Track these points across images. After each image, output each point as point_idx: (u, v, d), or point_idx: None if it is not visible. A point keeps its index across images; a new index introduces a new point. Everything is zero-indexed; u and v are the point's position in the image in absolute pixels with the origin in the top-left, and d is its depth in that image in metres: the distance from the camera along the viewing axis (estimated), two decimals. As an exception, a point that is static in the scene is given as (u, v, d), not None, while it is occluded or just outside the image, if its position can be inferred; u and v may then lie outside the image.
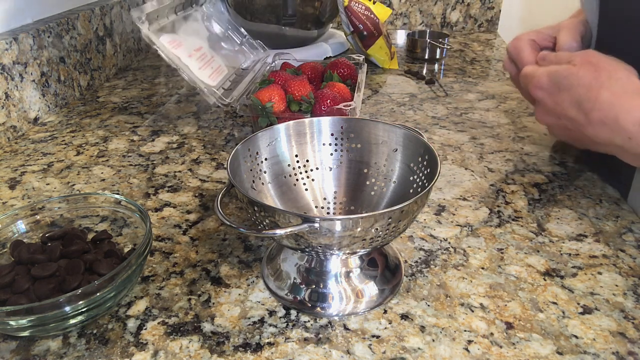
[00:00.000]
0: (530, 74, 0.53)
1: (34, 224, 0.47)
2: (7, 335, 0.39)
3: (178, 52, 0.69)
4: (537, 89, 0.51)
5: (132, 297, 0.42)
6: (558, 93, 0.49)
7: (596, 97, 0.45)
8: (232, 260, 0.46)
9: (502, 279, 0.44)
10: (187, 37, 0.76)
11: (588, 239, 0.48)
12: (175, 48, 0.70)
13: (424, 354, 0.36)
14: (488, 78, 0.94)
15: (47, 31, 0.77)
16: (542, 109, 0.52)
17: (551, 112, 0.51)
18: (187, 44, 0.74)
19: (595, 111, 0.46)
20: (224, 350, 0.37)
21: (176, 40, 0.71)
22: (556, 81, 0.49)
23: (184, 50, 0.71)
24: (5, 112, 0.69)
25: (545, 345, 0.37)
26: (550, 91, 0.50)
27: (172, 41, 0.70)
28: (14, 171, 0.63)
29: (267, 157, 0.47)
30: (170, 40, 0.70)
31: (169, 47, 0.68)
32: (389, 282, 0.43)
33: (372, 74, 0.98)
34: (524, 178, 0.59)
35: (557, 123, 0.51)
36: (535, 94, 0.52)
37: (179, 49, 0.70)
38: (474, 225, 0.51)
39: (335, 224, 0.34)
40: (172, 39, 0.71)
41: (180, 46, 0.71)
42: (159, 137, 0.72)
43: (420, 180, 0.44)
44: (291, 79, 0.66)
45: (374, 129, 0.48)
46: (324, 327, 0.39)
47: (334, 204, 0.49)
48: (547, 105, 0.51)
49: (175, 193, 0.58)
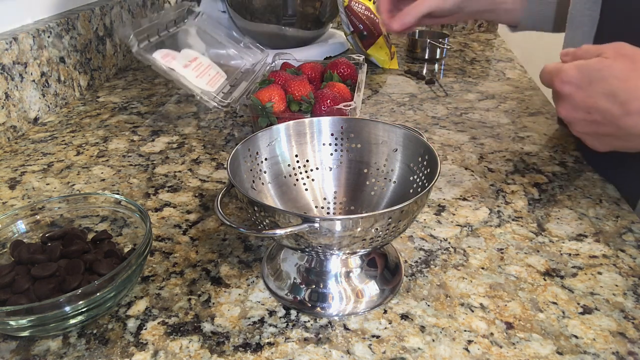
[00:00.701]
0: (556, 69, 0.50)
1: (34, 224, 0.47)
2: (7, 335, 0.39)
3: (172, 65, 0.70)
4: (564, 84, 0.48)
5: (132, 297, 0.42)
6: (589, 86, 0.47)
7: (635, 87, 0.45)
8: (232, 260, 0.46)
9: (502, 279, 0.44)
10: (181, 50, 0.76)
11: (588, 239, 0.48)
12: (169, 62, 0.70)
13: (424, 354, 0.36)
14: (488, 78, 0.94)
15: (47, 31, 0.77)
16: (569, 104, 0.49)
17: (579, 107, 0.48)
18: (182, 56, 0.74)
19: (634, 101, 0.44)
20: (224, 350, 0.37)
21: (170, 54, 0.72)
22: (587, 74, 0.47)
23: (178, 63, 0.71)
24: (5, 112, 0.69)
25: (545, 345, 0.37)
26: (579, 85, 0.47)
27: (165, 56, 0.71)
28: (14, 171, 0.63)
29: (267, 157, 0.47)
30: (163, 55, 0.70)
31: (162, 61, 0.69)
32: (389, 282, 0.43)
33: (372, 74, 0.98)
34: (524, 178, 0.59)
35: (586, 118, 0.48)
36: (562, 89, 0.49)
37: (173, 62, 0.71)
38: (474, 225, 0.51)
39: (335, 224, 0.34)
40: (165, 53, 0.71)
41: (175, 59, 0.72)
42: (159, 137, 0.72)
43: (420, 180, 0.44)
44: (291, 79, 0.66)
45: (374, 129, 0.48)
46: (324, 327, 0.39)
47: (334, 204, 0.49)
48: (576, 99, 0.48)
49: (175, 193, 0.58)
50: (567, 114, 0.50)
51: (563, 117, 0.51)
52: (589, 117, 0.48)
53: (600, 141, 0.50)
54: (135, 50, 0.67)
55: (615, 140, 0.49)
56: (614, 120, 0.46)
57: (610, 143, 0.50)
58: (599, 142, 0.50)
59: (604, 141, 0.50)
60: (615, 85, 0.45)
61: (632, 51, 0.47)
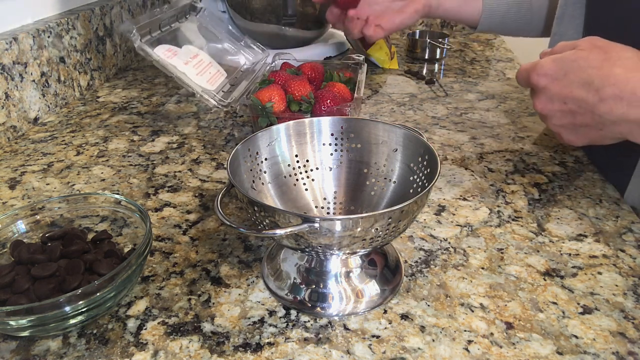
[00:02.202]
0: (532, 64, 0.52)
1: (34, 224, 0.47)
2: (7, 335, 0.39)
3: (174, 62, 0.70)
4: (540, 76, 0.50)
5: (132, 297, 0.42)
6: (564, 77, 0.49)
7: (608, 74, 0.46)
8: (232, 260, 0.46)
9: (502, 279, 0.44)
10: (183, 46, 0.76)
11: (588, 239, 0.48)
12: (170, 58, 0.70)
13: (424, 354, 0.36)
14: (488, 78, 0.94)
15: (47, 31, 0.77)
16: (545, 96, 0.51)
17: (555, 98, 0.50)
18: (183, 52, 0.74)
19: (608, 87, 0.46)
20: (224, 350, 0.37)
21: (171, 50, 0.72)
22: (562, 65, 0.49)
23: (179, 59, 0.71)
24: (5, 112, 0.69)
25: (545, 345, 0.37)
26: (555, 76, 0.49)
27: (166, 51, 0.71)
28: (14, 171, 0.63)
29: (267, 157, 0.47)
30: (165, 51, 0.70)
31: (163, 57, 0.69)
32: (389, 282, 0.43)
33: (372, 74, 0.98)
34: (524, 178, 0.59)
35: (562, 108, 0.50)
36: (537, 82, 0.51)
37: (174, 58, 0.71)
38: (474, 225, 0.51)
39: (335, 224, 0.34)
40: (166, 49, 0.71)
41: (176, 55, 0.72)
42: (159, 137, 0.72)
43: (420, 180, 0.44)
44: (291, 79, 0.66)
45: (374, 129, 0.48)
46: (324, 327, 0.39)
47: (334, 204, 0.49)
48: (551, 91, 0.50)
49: (175, 193, 0.58)
50: (543, 107, 0.52)
51: (539, 111, 0.52)
52: (565, 107, 0.50)
53: (577, 133, 0.51)
54: (137, 45, 0.66)
55: (591, 131, 0.50)
56: (590, 108, 0.47)
57: (587, 134, 0.51)
58: (575, 134, 0.51)
59: (580, 133, 0.51)
60: (589, 74, 0.47)
61: (604, 43, 0.49)
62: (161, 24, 0.75)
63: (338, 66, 0.78)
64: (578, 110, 0.49)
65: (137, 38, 0.67)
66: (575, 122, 0.50)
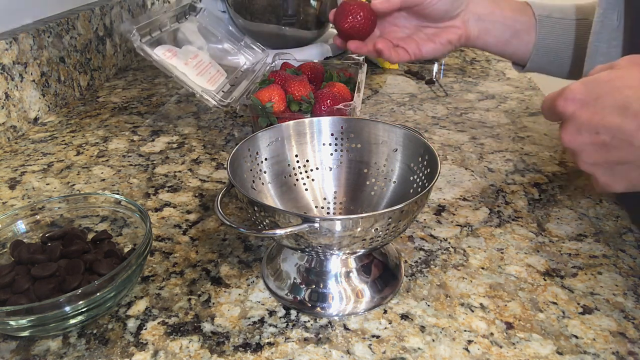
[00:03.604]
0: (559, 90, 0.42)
1: (34, 224, 0.47)
2: (7, 335, 0.39)
3: (173, 62, 0.70)
4: (567, 102, 0.40)
5: (132, 297, 0.42)
6: (595, 101, 0.38)
7: None
8: (232, 260, 0.46)
9: (502, 279, 0.44)
10: (183, 46, 0.76)
11: (588, 239, 0.48)
12: (170, 58, 0.70)
13: (424, 354, 0.36)
14: (488, 78, 0.94)
15: (47, 31, 0.77)
16: (573, 126, 0.40)
17: (585, 127, 0.39)
18: (183, 52, 0.74)
19: None
20: (224, 350, 0.37)
21: (171, 50, 0.72)
22: (593, 88, 0.39)
23: (179, 59, 0.71)
24: (5, 112, 0.69)
25: (545, 345, 0.37)
26: (585, 101, 0.39)
27: (166, 52, 0.71)
28: (14, 171, 0.63)
29: (267, 157, 0.47)
30: (165, 51, 0.71)
31: (163, 57, 0.69)
32: (389, 282, 0.43)
33: (372, 74, 0.98)
34: (524, 178, 0.59)
35: (593, 141, 0.39)
36: (564, 109, 0.40)
37: (174, 58, 0.71)
38: (474, 225, 0.51)
39: (335, 224, 0.34)
40: (166, 49, 0.71)
41: (176, 55, 0.72)
42: (159, 137, 0.72)
43: (420, 180, 0.44)
44: (291, 79, 0.66)
45: (374, 129, 0.48)
46: (324, 327, 0.39)
47: (334, 204, 0.49)
48: (580, 119, 0.39)
49: (175, 193, 0.58)
50: (570, 140, 0.41)
51: (567, 145, 0.41)
52: (597, 139, 0.39)
53: (614, 174, 0.40)
54: (137, 45, 0.66)
55: (631, 170, 0.39)
56: (627, 138, 0.37)
57: (626, 175, 0.40)
58: (612, 175, 0.40)
59: (617, 173, 0.40)
60: (626, 95, 0.37)
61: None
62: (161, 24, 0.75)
63: (338, 66, 0.78)
64: (613, 143, 0.38)
65: (137, 38, 0.67)
66: (610, 159, 0.39)
